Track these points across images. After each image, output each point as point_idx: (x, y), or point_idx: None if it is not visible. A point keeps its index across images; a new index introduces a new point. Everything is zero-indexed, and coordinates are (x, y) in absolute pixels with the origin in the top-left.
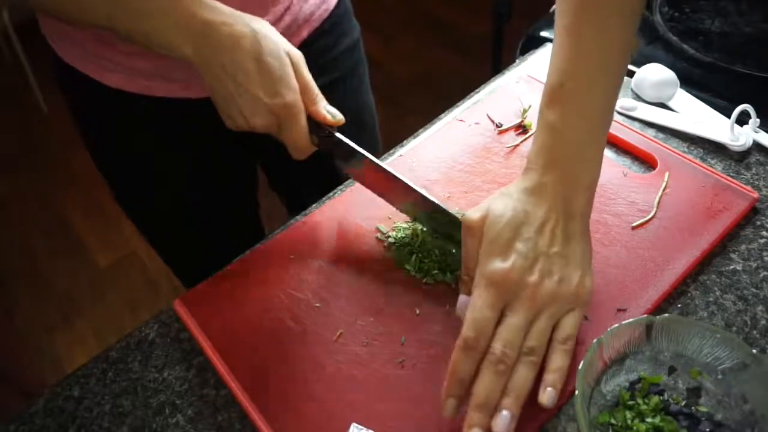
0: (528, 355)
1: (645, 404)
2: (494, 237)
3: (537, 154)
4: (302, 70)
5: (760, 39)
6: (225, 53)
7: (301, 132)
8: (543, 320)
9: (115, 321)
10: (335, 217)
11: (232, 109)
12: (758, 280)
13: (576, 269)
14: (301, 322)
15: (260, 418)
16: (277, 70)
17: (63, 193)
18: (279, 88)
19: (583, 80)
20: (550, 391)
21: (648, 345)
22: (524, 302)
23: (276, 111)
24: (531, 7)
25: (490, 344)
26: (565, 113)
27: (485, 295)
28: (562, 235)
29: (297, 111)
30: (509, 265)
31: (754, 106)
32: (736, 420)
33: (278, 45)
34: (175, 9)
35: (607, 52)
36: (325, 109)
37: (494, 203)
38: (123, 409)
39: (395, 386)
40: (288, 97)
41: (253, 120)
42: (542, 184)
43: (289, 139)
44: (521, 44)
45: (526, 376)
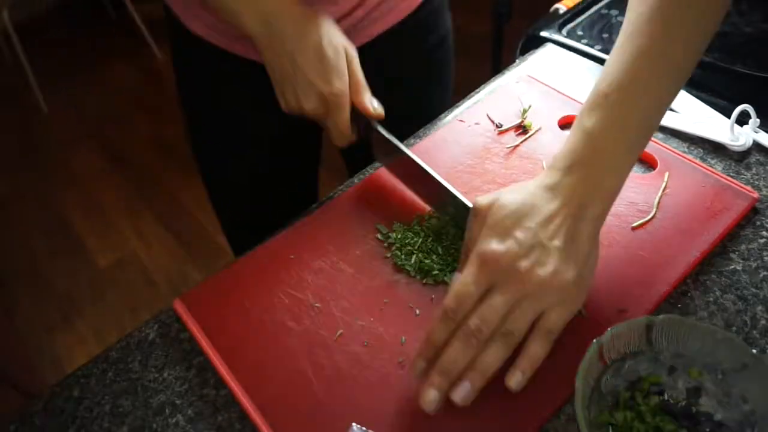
0: (503, 336)
1: (645, 404)
2: (495, 222)
3: (564, 155)
4: (355, 64)
5: (760, 39)
6: (288, 37)
7: (345, 120)
8: (526, 306)
9: (115, 321)
10: (335, 217)
11: (287, 89)
12: (758, 280)
13: (573, 266)
14: (301, 322)
15: (260, 418)
16: (333, 59)
17: (63, 193)
18: (331, 76)
19: (630, 95)
20: (518, 375)
21: (648, 345)
22: (510, 285)
23: (325, 97)
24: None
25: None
26: (603, 122)
27: (473, 271)
28: (568, 233)
29: (344, 100)
30: (503, 248)
31: (754, 106)
32: (736, 420)
33: (337, 38)
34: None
35: (666, 68)
36: (370, 101)
37: (505, 193)
38: (123, 409)
39: (395, 386)
40: (338, 86)
41: (304, 102)
42: (561, 183)
43: (333, 125)
44: (521, 44)
45: (495, 354)
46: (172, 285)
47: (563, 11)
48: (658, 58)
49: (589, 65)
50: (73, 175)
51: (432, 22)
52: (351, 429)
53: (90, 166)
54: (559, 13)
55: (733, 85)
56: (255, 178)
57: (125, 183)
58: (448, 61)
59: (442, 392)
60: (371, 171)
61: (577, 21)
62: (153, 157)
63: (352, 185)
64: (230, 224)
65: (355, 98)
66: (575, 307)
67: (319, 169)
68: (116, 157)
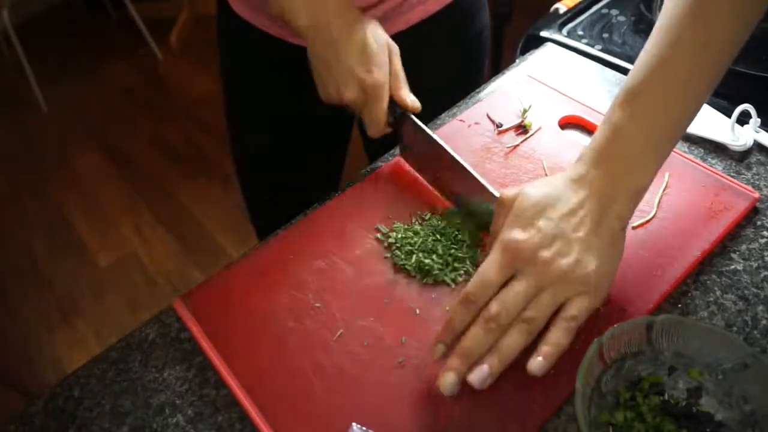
0: (523, 322)
1: (645, 404)
2: (520, 212)
3: (592, 149)
4: (396, 58)
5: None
6: (334, 29)
7: (382, 111)
8: (547, 295)
9: (115, 321)
10: (335, 217)
11: (328, 78)
12: (759, 280)
13: (596, 258)
14: (301, 322)
15: (260, 418)
16: (375, 51)
17: (63, 193)
18: (372, 66)
19: (661, 93)
20: (540, 360)
21: (648, 345)
22: (532, 274)
23: (366, 87)
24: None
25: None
26: (633, 119)
27: (495, 258)
28: (591, 225)
29: (383, 91)
30: (525, 237)
31: (754, 106)
32: (737, 420)
33: (381, 34)
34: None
35: (699, 69)
36: (408, 95)
37: (531, 186)
38: (123, 409)
39: (395, 386)
40: (378, 76)
41: (344, 91)
42: (587, 177)
43: (370, 115)
44: (521, 44)
45: (515, 340)
46: (172, 285)
47: (563, 11)
48: (691, 58)
49: (590, 65)
50: (73, 175)
51: (473, 14)
52: (351, 429)
53: (90, 166)
54: (560, 13)
55: (733, 85)
56: (282, 159)
57: (125, 183)
58: (484, 54)
59: (460, 376)
60: (372, 171)
61: (578, 21)
62: (153, 157)
63: (352, 185)
64: (254, 203)
65: (394, 91)
66: (598, 299)
67: (343, 165)
68: (116, 157)
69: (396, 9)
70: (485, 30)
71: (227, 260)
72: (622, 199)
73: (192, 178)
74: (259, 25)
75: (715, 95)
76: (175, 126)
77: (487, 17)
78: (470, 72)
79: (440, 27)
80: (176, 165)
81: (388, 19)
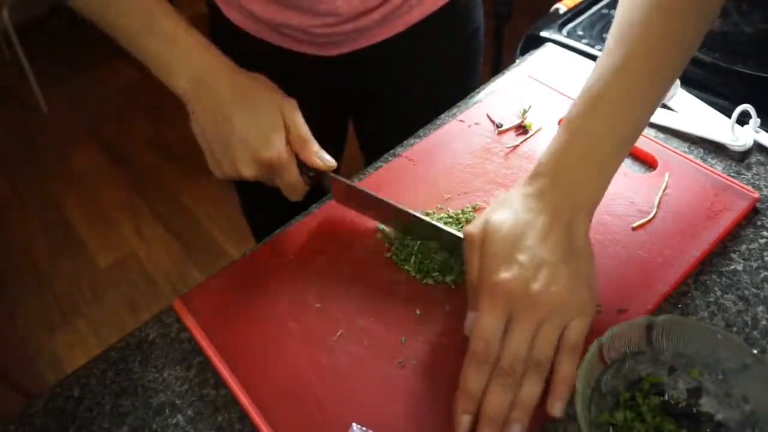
0: (535, 367)
1: (645, 404)
2: (494, 250)
3: (551, 157)
4: (295, 118)
5: (760, 39)
6: (223, 99)
7: (293, 180)
8: (549, 329)
9: (115, 321)
10: (335, 217)
11: (223, 155)
12: (759, 280)
13: (581, 275)
14: (301, 322)
15: (260, 418)
16: (269, 122)
17: (63, 193)
18: (269, 140)
19: (625, 96)
20: (559, 403)
21: (648, 345)
22: (529, 311)
23: (265, 163)
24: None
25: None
26: (596, 124)
27: (489, 308)
28: (567, 242)
29: (286, 163)
30: (511, 276)
31: (754, 106)
32: (737, 420)
33: (272, 98)
34: (184, 41)
35: (660, 68)
36: (317, 155)
37: (493, 214)
38: (123, 409)
39: (395, 386)
40: (274, 151)
41: (243, 169)
42: (547, 192)
43: (282, 185)
44: (521, 44)
45: (533, 388)
46: (172, 285)
47: (563, 11)
48: (651, 59)
49: (590, 65)
50: (73, 175)
51: (468, 13)
52: (351, 429)
53: (90, 166)
54: (560, 13)
55: (733, 85)
56: None
57: (125, 183)
58: (480, 52)
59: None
60: (371, 171)
61: (578, 21)
62: (153, 157)
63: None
64: (250, 206)
65: (300, 154)
66: (592, 312)
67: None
68: (116, 157)
69: (395, 12)
70: (480, 30)
71: (227, 260)
72: (586, 205)
73: (192, 178)
74: (252, 32)
75: (715, 95)
76: (175, 126)
77: (481, 17)
78: (467, 72)
79: (436, 28)
80: (176, 165)
81: (387, 22)
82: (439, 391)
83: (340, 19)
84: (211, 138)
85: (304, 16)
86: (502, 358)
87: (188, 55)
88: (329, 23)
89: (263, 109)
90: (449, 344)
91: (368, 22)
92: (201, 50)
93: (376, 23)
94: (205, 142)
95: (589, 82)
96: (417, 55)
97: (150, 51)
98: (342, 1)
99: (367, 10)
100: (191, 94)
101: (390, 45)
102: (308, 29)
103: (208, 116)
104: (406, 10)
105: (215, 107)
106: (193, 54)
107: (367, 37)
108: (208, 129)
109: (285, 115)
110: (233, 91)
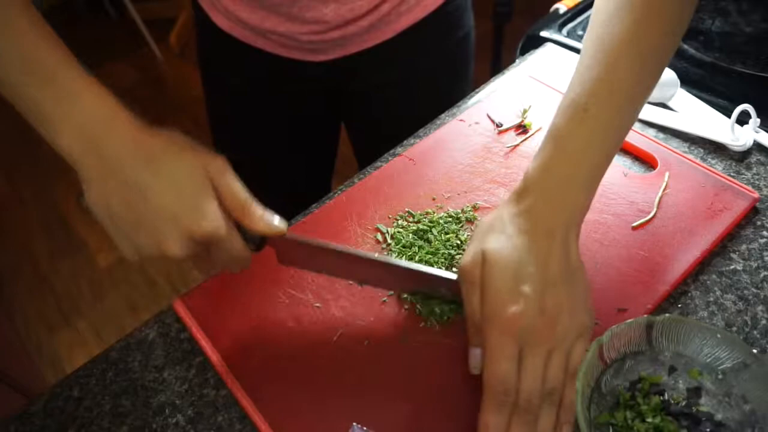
0: (549, 397)
1: (645, 404)
2: (498, 285)
3: (539, 171)
4: (227, 180)
5: (760, 39)
6: (129, 169)
7: (237, 252)
8: (558, 356)
9: (115, 321)
10: (335, 217)
11: (135, 232)
12: (758, 280)
13: (581, 295)
14: (301, 322)
15: (260, 418)
16: (196, 189)
17: (63, 193)
18: (197, 212)
19: (613, 108)
20: (567, 428)
21: (648, 345)
22: (538, 344)
23: (201, 239)
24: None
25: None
26: (585, 137)
27: (501, 347)
28: (565, 262)
29: (226, 234)
30: (519, 309)
31: (754, 106)
32: (737, 420)
33: (191, 158)
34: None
35: (643, 79)
36: (262, 220)
37: (487, 243)
38: (123, 409)
39: (395, 386)
40: (210, 223)
41: (168, 248)
42: (537, 210)
43: (222, 261)
44: (521, 44)
45: (549, 418)
46: (172, 285)
47: (563, 11)
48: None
49: None
50: (74, 175)
51: (457, 18)
52: (352, 429)
53: None
54: (560, 13)
55: (733, 85)
56: (268, 166)
57: None
58: (470, 57)
59: None
60: (371, 171)
61: (578, 21)
62: None
63: (352, 185)
64: None
65: (242, 221)
66: (591, 332)
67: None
68: None
69: (383, 19)
70: (470, 35)
71: None
72: (575, 219)
73: None
74: (240, 37)
75: (716, 95)
76: (175, 126)
77: (471, 21)
78: (456, 78)
79: (425, 34)
80: None
81: (375, 29)
82: (440, 391)
83: (327, 26)
84: (117, 212)
85: (291, 23)
86: (521, 396)
87: (73, 105)
88: (316, 30)
89: (183, 173)
90: (449, 344)
91: (356, 30)
92: (92, 99)
93: (365, 30)
94: (108, 218)
95: (574, 92)
96: (406, 61)
97: (27, 97)
98: (329, 9)
99: (354, 17)
100: (81, 158)
101: (378, 51)
102: (295, 36)
103: (110, 186)
104: (394, 17)
105: (116, 174)
106: (82, 103)
107: (355, 44)
108: (112, 202)
109: (213, 177)
110: (137, 152)
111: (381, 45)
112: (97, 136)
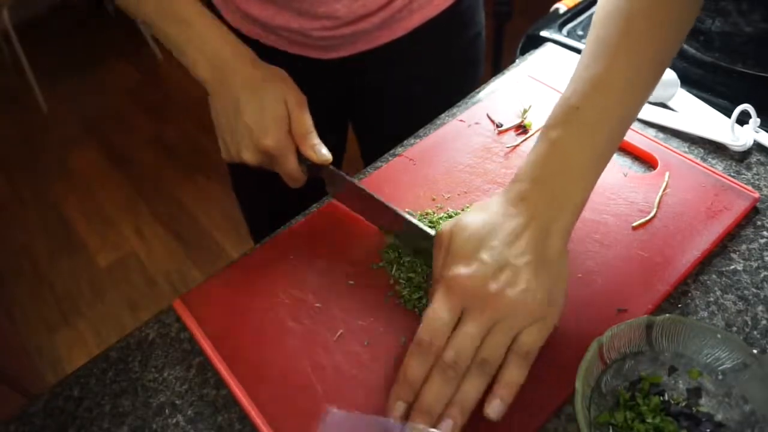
0: (480, 366)
1: (645, 404)
2: (459, 247)
3: (531, 166)
4: (298, 110)
5: (760, 39)
6: (234, 86)
7: (291, 167)
8: (500, 331)
9: (115, 321)
10: (335, 217)
11: (228, 137)
12: (759, 280)
13: (544, 283)
14: (301, 322)
15: (260, 418)
16: (273, 111)
17: (63, 193)
18: (269, 129)
19: (603, 108)
20: (497, 403)
21: (648, 345)
22: (482, 310)
23: (263, 150)
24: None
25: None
26: (574, 135)
27: (442, 299)
28: (536, 249)
29: (285, 151)
30: (470, 272)
31: (754, 106)
32: (737, 420)
33: (279, 88)
34: (201, 31)
35: (639, 83)
36: (313, 148)
37: (466, 215)
38: (123, 409)
39: None
40: (273, 140)
41: (243, 152)
42: (525, 198)
43: (281, 172)
44: (521, 44)
45: (475, 387)
46: (172, 285)
47: (563, 11)
48: (630, 73)
49: None
50: (73, 175)
51: (469, 17)
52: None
53: (90, 166)
54: (560, 13)
55: (733, 85)
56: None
57: (125, 183)
58: (481, 57)
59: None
60: (371, 171)
61: (578, 21)
62: (153, 157)
63: None
64: (250, 207)
65: (299, 145)
66: (550, 324)
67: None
68: (116, 156)
69: (395, 15)
70: (481, 34)
71: (227, 260)
72: (564, 215)
73: (192, 177)
74: (250, 34)
75: (716, 95)
76: (175, 126)
77: (483, 20)
78: (467, 77)
79: (437, 32)
80: (176, 165)
81: (387, 26)
82: None
83: (339, 22)
84: (222, 120)
85: (303, 19)
86: (446, 350)
87: (204, 45)
88: (328, 26)
89: (269, 99)
90: None
91: (368, 26)
92: (217, 40)
93: (376, 27)
94: (217, 123)
95: (568, 91)
96: (417, 60)
97: (170, 39)
98: (341, 5)
99: (367, 13)
100: (209, 79)
101: (389, 49)
102: (306, 32)
103: (221, 100)
104: (406, 14)
105: (227, 93)
106: (211, 44)
107: (366, 41)
108: (220, 111)
109: (290, 106)
110: (244, 80)
111: (392, 43)
112: (219, 68)
